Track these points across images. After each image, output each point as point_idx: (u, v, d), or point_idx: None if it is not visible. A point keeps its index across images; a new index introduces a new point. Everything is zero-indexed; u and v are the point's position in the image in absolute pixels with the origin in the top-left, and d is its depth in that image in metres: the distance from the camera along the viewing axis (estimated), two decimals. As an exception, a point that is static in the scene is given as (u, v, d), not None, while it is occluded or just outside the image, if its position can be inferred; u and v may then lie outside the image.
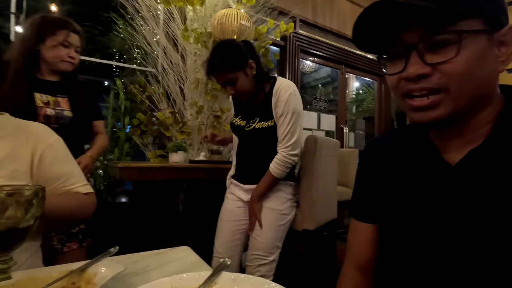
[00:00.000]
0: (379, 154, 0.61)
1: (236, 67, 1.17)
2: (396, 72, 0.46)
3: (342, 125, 3.92)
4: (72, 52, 1.22)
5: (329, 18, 3.75)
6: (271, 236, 1.23)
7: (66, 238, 1.19)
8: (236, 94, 1.22)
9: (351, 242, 0.64)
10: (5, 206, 0.42)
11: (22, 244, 0.45)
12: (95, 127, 1.33)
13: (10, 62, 1.11)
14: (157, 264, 0.57)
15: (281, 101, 1.18)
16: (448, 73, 0.42)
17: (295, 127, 1.21)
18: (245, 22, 2.01)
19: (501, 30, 0.43)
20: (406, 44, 0.44)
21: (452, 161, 0.48)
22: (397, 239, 0.54)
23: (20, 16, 2.24)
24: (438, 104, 0.43)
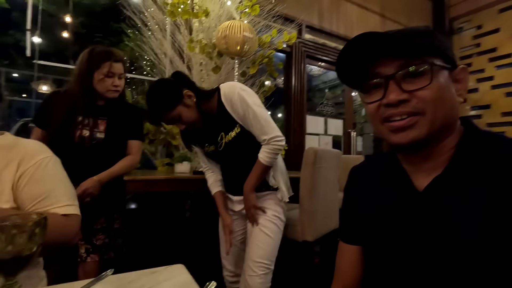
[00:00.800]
0: (361, 179, 0.65)
1: (173, 103, 1.17)
2: (376, 100, 0.51)
3: (350, 129, 3.89)
4: (116, 80, 1.28)
5: (335, 23, 3.74)
6: (274, 244, 1.24)
7: (92, 249, 1.26)
8: (188, 126, 1.23)
9: (338, 263, 0.68)
10: (11, 237, 0.47)
11: (26, 269, 0.50)
12: (128, 146, 1.36)
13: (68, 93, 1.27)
14: (151, 284, 0.61)
15: (235, 103, 1.17)
16: (424, 98, 0.48)
17: (265, 116, 1.18)
18: (248, 34, 2.05)
19: (455, 70, 0.51)
20: (384, 75, 0.50)
21: (420, 187, 0.53)
22: (377, 260, 0.57)
23: (36, 31, 2.35)
24: (415, 124, 0.48)
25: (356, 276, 0.63)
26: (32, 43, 2.28)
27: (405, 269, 0.51)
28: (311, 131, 3.55)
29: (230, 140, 1.22)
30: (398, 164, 0.57)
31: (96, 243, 1.27)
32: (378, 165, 0.63)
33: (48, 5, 4.83)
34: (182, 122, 1.21)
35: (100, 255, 1.27)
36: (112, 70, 1.27)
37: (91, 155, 1.25)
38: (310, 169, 1.39)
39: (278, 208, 1.27)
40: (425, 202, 0.51)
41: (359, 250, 0.63)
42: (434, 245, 0.48)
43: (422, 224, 0.50)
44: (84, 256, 1.25)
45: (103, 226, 1.29)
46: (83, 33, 5.36)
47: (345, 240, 0.66)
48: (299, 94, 3.34)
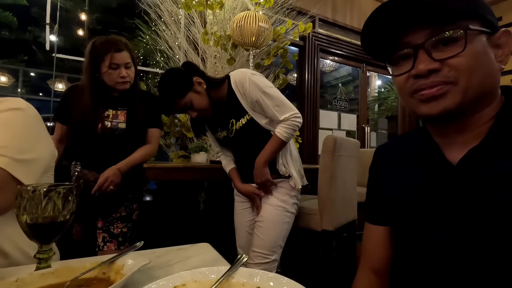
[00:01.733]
0: (386, 158, 0.63)
1: (184, 90, 1.19)
2: (405, 71, 0.49)
3: (364, 124, 3.83)
4: (122, 71, 1.23)
5: (349, 16, 3.69)
6: (274, 234, 1.20)
7: (109, 237, 1.27)
8: (199, 114, 1.23)
9: (365, 245, 0.65)
10: (45, 203, 0.47)
11: (60, 236, 0.50)
12: (148, 134, 1.36)
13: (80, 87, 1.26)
14: (179, 259, 0.61)
15: (247, 89, 1.16)
16: (456, 66, 0.45)
17: (280, 96, 1.17)
18: (263, 24, 2.03)
19: (496, 34, 0.47)
20: (413, 44, 0.47)
21: (453, 161, 0.50)
22: (408, 240, 0.54)
23: (55, 26, 2.40)
24: (446, 93, 0.46)
25: (384, 257, 0.61)
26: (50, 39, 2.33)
27: (439, 248, 0.49)
28: (325, 126, 3.51)
29: (241, 127, 1.22)
30: (429, 138, 0.54)
31: (113, 231, 1.27)
32: (406, 142, 0.60)
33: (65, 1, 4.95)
34: (194, 109, 1.21)
35: (117, 244, 1.28)
36: (115, 61, 1.21)
37: (115, 145, 1.26)
38: (329, 157, 1.36)
39: (287, 198, 1.23)
40: (459, 176, 0.48)
41: (387, 230, 0.61)
42: (474, 218, 0.45)
43: (456, 199, 0.47)
44: (101, 245, 1.26)
45: (122, 215, 1.29)
46: (98, 29, 5.47)
47: (372, 221, 0.64)
48: (312, 88, 3.31)
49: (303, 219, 1.47)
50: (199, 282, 0.44)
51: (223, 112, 1.25)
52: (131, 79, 1.29)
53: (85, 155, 1.23)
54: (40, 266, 0.48)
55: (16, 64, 6.94)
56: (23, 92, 7.88)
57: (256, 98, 1.15)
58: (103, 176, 1.19)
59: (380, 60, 0.54)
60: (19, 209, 0.46)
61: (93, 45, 1.24)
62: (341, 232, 1.57)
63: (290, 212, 1.24)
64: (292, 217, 1.25)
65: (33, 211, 0.46)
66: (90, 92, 1.24)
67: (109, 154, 1.24)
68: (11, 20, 5.88)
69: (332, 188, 1.35)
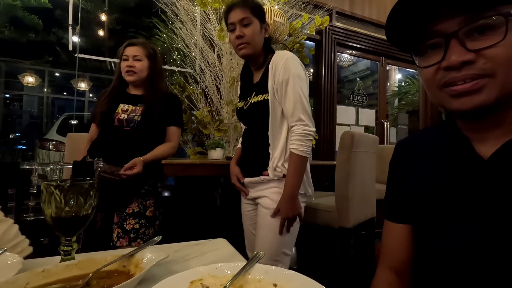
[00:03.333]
0: (408, 152, 0.60)
1: (258, 13, 1.13)
2: (434, 62, 0.45)
3: (383, 120, 3.73)
4: (130, 61, 1.37)
5: (368, 8, 3.58)
6: (275, 241, 1.06)
7: (122, 233, 1.31)
8: (243, 40, 1.11)
9: (385, 244, 0.63)
10: (68, 197, 0.49)
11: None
12: (168, 132, 1.44)
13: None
14: (196, 254, 0.61)
15: (279, 67, 1.08)
16: (494, 58, 0.41)
17: (302, 94, 1.07)
18: (279, 19, 2.00)
19: None
20: (444, 33, 0.43)
21: (484, 155, 0.47)
22: (431, 237, 0.52)
23: (76, 27, 2.49)
24: (482, 88, 0.42)
25: (405, 257, 0.59)
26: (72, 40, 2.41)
27: (465, 245, 0.46)
28: (342, 122, 3.44)
29: (256, 102, 1.14)
30: (457, 132, 0.51)
31: (125, 227, 1.31)
32: (430, 136, 0.57)
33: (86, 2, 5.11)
34: (244, 31, 1.11)
35: (128, 240, 1.31)
36: (125, 53, 1.37)
37: (129, 137, 1.30)
38: (347, 153, 1.34)
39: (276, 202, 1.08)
40: (491, 171, 0.45)
41: (408, 229, 0.58)
42: (500, 218, 0.43)
43: (487, 194, 0.45)
44: (115, 241, 1.30)
45: (135, 211, 1.32)
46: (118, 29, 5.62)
47: (393, 219, 0.61)
48: (329, 83, 3.25)
49: (319, 216, 1.45)
50: (215, 277, 0.44)
51: (252, 83, 1.19)
52: (138, 70, 1.37)
53: (104, 149, 1.28)
54: (65, 258, 0.50)
55: (42, 65, 7.27)
56: (48, 91, 8.27)
57: (282, 79, 1.06)
58: (133, 162, 1.25)
59: (405, 51, 0.51)
60: (44, 203, 0.48)
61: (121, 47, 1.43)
62: (359, 230, 1.54)
63: None
64: (295, 223, 1.10)
65: (57, 205, 0.48)
66: (114, 84, 1.41)
67: (125, 147, 1.29)
68: (37, 22, 6.16)
69: (349, 185, 1.33)
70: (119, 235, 1.30)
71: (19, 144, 8.07)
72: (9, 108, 8.48)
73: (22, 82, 7.19)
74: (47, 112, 8.33)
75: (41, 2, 5.78)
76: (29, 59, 6.80)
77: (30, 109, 8.97)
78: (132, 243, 1.31)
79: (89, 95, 7.42)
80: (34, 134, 7.83)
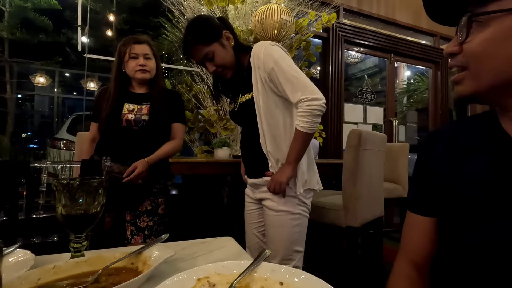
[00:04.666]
0: (441, 144, 0.57)
1: (210, 39, 1.07)
2: None
3: (391, 117, 3.68)
4: (141, 60, 1.34)
5: (376, 5, 3.53)
6: (283, 240, 1.06)
7: (135, 231, 1.33)
8: (217, 70, 1.11)
9: (406, 236, 0.61)
10: (78, 195, 0.49)
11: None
12: (173, 130, 1.43)
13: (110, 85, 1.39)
14: (202, 252, 0.62)
15: (261, 60, 1.04)
16: (467, 51, 0.45)
17: (294, 72, 1.01)
18: (286, 17, 1.99)
19: None
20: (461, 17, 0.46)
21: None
22: (458, 233, 0.50)
23: (85, 28, 2.52)
24: (462, 80, 0.46)
25: (426, 251, 0.57)
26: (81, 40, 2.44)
27: (501, 242, 0.44)
28: (350, 120, 3.41)
29: (244, 102, 1.12)
30: (496, 125, 0.49)
31: (140, 225, 1.33)
32: (465, 128, 0.55)
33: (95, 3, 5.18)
34: (214, 63, 1.10)
35: (143, 237, 1.33)
36: (134, 51, 1.33)
37: (138, 137, 1.31)
38: (354, 151, 1.32)
39: (289, 198, 1.07)
40: None
41: (432, 222, 0.56)
42: None
43: None
44: (129, 238, 1.32)
45: (148, 209, 1.34)
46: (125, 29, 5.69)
47: (417, 211, 0.58)
48: (336, 81, 3.22)
49: (326, 214, 1.45)
50: (222, 275, 0.45)
51: (239, 81, 1.16)
52: (150, 69, 1.36)
53: (112, 149, 1.29)
54: (75, 254, 0.51)
55: (52, 66, 7.41)
56: (59, 91, 8.43)
57: (269, 69, 1.03)
58: (134, 165, 1.24)
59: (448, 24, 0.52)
60: (55, 201, 0.49)
61: (120, 44, 1.37)
62: (367, 229, 1.53)
63: (296, 214, 1.08)
64: (303, 218, 1.10)
65: (67, 203, 0.48)
66: (115, 85, 1.35)
67: (134, 147, 1.30)
68: (47, 24, 6.28)
69: (357, 183, 1.31)
70: (133, 233, 1.32)
71: (31, 143, 8.26)
72: (21, 108, 8.68)
73: (33, 83, 7.35)
74: (58, 112, 8.50)
75: (51, 3, 5.88)
76: (40, 60, 6.94)
77: (41, 108, 9.16)
78: (147, 240, 1.33)
79: (98, 95, 7.53)
80: (45, 133, 8.00)
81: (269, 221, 1.09)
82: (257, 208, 1.19)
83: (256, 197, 1.17)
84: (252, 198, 1.20)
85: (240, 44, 1.16)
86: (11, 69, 6.43)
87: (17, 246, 0.51)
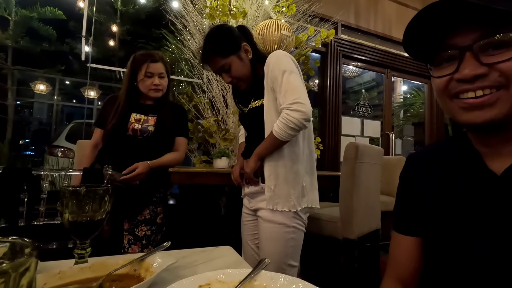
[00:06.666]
0: (422, 164, 0.60)
1: (228, 51, 1.09)
2: (447, 73, 0.46)
3: (388, 131, 3.73)
4: (156, 79, 1.37)
5: (373, 21, 3.64)
6: (276, 253, 1.04)
7: (133, 240, 1.32)
8: (233, 81, 1.14)
9: (393, 255, 0.63)
10: (84, 203, 0.51)
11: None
12: (176, 143, 1.45)
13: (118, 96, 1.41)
14: (203, 260, 0.63)
15: (270, 66, 1.07)
16: (508, 70, 0.42)
17: (294, 84, 1.02)
18: (286, 32, 2.06)
19: None
20: (459, 46, 0.45)
21: (497, 170, 0.47)
22: (442, 252, 0.52)
23: (90, 38, 2.57)
24: (495, 102, 0.42)
25: (413, 269, 0.59)
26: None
27: (477, 262, 0.46)
28: (347, 133, 3.45)
29: (254, 107, 1.14)
30: (469, 146, 0.51)
31: (138, 234, 1.32)
32: (443, 149, 0.58)
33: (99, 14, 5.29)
34: (230, 75, 1.12)
35: (140, 246, 1.32)
36: (150, 70, 1.35)
37: (143, 147, 1.33)
38: (351, 164, 1.35)
39: (282, 213, 1.05)
40: (504, 187, 0.45)
41: (418, 241, 0.58)
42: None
43: (499, 211, 0.45)
44: (126, 247, 1.31)
45: (147, 218, 1.34)
46: (128, 39, 5.80)
47: (401, 231, 0.61)
48: (334, 94, 3.28)
49: (323, 226, 1.46)
50: (223, 283, 0.46)
51: (253, 88, 1.17)
52: (163, 87, 1.40)
53: (115, 157, 1.30)
54: (79, 261, 0.52)
55: (53, 74, 7.48)
56: (58, 99, 8.47)
57: (274, 78, 1.05)
58: (135, 165, 1.26)
59: (420, 61, 0.52)
60: (63, 207, 0.50)
61: (134, 57, 1.40)
62: (364, 242, 1.54)
63: (291, 227, 1.06)
64: (298, 232, 1.08)
65: (74, 209, 0.50)
66: (125, 97, 1.37)
67: (137, 156, 1.31)
68: (51, 33, 6.39)
69: (354, 196, 1.33)
70: (130, 242, 1.31)
71: (28, 150, 8.22)
72: (19, 114, 8.68)
73: (33, 90, 7.40)
74: (56, 119, 8.51)
75: (56, 14, 6.00)
76: (42, 68, 7.02)
77: (40, 115, 9.17)
78: (144, 250, 1.32)
79: (98, 103, 7.57)
80: (43, 141, 7.98)
81: (263, 233, 1.08)
82: (253, 219, 1.19)
83: (252, 208, 1.18)
84: (249, 209, 1.20)
85: (258, 54, 1.18)
86: (12, 76, 6.48)
87: (22, 251, 0.52)
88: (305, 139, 1.12)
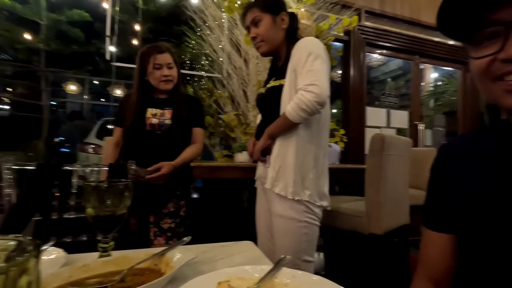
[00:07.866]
0: (456, 156, 0.55)
1: (267, 8, 1.11)
2: (490, 53, 0.41)
3: (416, 121, 3.54)
4: (165, 70, 1.36)
5: (399, 6, 3.43)
6: (289, 248, 1.03)
7: (159, 232, 1.36)
8: (256, 39, 1.13)
9: (423, 253, 0.59)
10: (106, 197, 0.52)
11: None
12: (193, 134, 1.45)
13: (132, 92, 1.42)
14: (223, 255, 0.63)
15: (297, 49, 1.06)
16: None
17: (317, 68, 0.99)
18: (306, 21, 1.99)
19: None
20: (504, 21, 0.40)
21: None
22: (478, 250, 0.48)
23: (113, 38, 2.65)
24: None
25: (445, 268, 0.54)
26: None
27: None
28: (372, 124, 3.32)
29: (273, 87, 1.13)
30: (510, 134, 0.46)
31: (163, 226, 1.36)
32: (479, 139, 0.52)
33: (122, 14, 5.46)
34: (257, 30, 1.12)
35: (166, 238, 1.36)
36: (157, 61, 1.35)
37: (161, 141, 1.35)
38: (377, 157, 1.29)
39: (295, 205, 1.04)
40: None
41: (450, 238, 0.54)
42: None
43: None
44: (152, 239, 1.35)
45: (171, 211, 1.37)
46: (150, 37, 5.95)
47: (433, 227, 0.57)
48: (358, 84, 3.15)
49: (348, 221, 1.41)
50: (243, 279, 0.45)
51: (276, 67, 1.18)
52: (173, 78, 1.39)
53: (137, 153, 1.34)
54: (103, 254, 0.54)
55: (82, 74, 7.87)
56: (88, 98, 8.91)
57: (299, 58, 1.03)
58: (160, 164, 1.28)
59: (458, 40, 0.47)
60: (85, 202, 0.52)
61: (141, 52, 1.41)
62: (391, 237, 1.47)
63: (303, 221, 1.04)
64: (311, 227, 1.06)
65: (96, 204, 0.51)
66: (138, 92, 1.39)
67: (158, 151, 1.34)
68: (79, 35, 6.69)
69: (380, 189, 1.27)
70: (156, 234, 1.36)
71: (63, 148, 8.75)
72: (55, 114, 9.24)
73: (65, 90, 7.83)
74: (87, 117, 8.97)
75: (83, 16, 6.27)
76: (72, 69, 7.39)
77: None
78: (169, 242, 1.36)
79: (124, 101, 7.88)
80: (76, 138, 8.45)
81: (276, 228, 1.08)
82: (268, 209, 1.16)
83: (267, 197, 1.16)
84: (263, 196, 1.20)
85: (294, 33, 1.16)
86: (46, 78, 6.88)
87: (50, 244, 0.54)
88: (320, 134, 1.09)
